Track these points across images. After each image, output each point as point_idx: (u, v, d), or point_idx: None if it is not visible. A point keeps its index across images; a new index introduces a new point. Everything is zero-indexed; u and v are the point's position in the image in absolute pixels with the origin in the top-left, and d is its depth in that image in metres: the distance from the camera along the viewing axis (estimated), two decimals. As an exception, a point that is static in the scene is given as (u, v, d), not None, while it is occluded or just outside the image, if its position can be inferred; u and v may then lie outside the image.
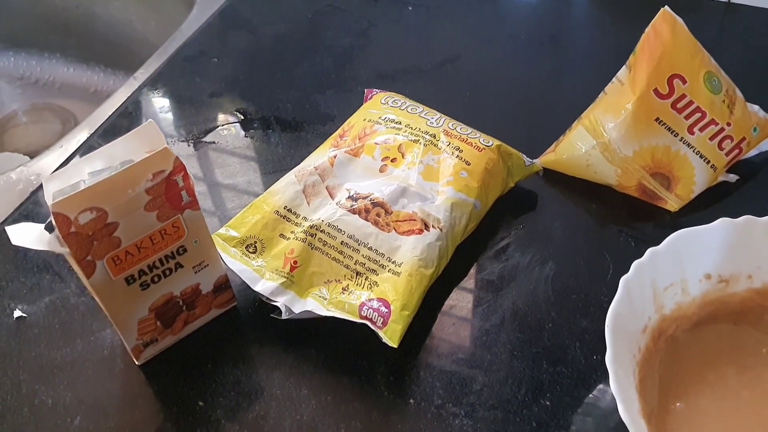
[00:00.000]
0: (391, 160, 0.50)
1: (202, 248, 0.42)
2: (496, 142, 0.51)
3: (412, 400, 0.43)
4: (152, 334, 0.43)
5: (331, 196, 0.49)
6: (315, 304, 0.45)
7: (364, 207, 0.47)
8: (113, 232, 0.38)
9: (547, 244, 0.51)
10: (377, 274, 0.45)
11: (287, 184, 0.49)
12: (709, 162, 0.51)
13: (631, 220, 0.52)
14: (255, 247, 0.46)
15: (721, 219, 0.41)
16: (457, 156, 0.50)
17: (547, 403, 0.42)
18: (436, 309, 0.47)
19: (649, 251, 0.40)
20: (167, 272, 0.41)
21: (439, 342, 0.46)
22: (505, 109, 0.62)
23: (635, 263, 0.40)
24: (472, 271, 0.50)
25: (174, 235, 0.40)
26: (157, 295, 0.42)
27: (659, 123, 0.50)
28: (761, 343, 0.41)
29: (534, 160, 0.54)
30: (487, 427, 0.41)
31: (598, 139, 0.52)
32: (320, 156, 0.51)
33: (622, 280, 0.39)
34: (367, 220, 0.47)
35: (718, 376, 0.40)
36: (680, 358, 0.41)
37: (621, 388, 0.34)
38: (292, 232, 0.47)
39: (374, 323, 0.43)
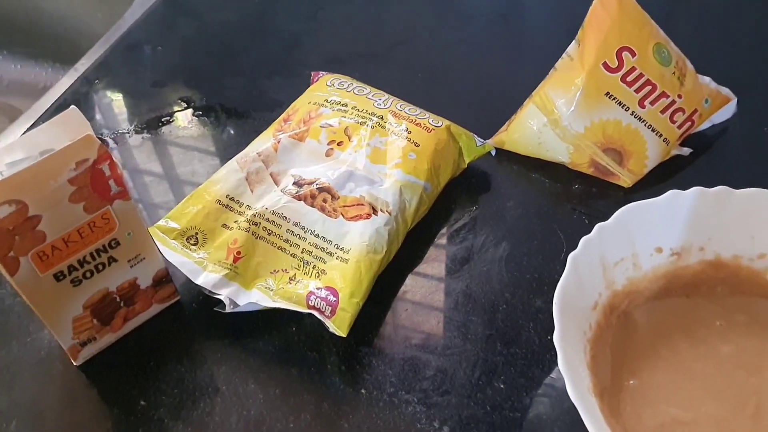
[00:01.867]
0: (338, 144, 0.48)
1: (137, 241, 0.40)
2: (446, 123, 0.50)
3: (363, 390, 0.41)
4: (89, 332, 0.41)
5: (276, 183, 0.47)
6: (260, 295, 0.43)
7: (310, 193, 0.46)
8: (36, 226, 0.36)
9: (501, 224, 0.50)
10: (325, 262, 0.44)
11: (229, 172, 0.47)
12: (661, 135, 0.50)
13: (585, 197, 0.51)
14: (196, 238, 0.45)
15: (670, 191, 0.40)
16: (406, 137, 0.48)
17: (501, 385, 0.41)
18: (388, 295, 0.46)
19: (597, 226, 0.39)
20: (100, 267, 0.39)
21: (391, 328, 0.45)
22: (458, 90, 0.61)
23: (583, 239, 0.39)
24: (426, 254, 0.49)
25: (104, 227, 0.38)
26: (92, 292, 0.40)
27: (610, 97, 0.49)
28: (714, 315, 0.40)
29: (485, 141, 0.52)
30: (440, 412, 0.40)
31: (549, 116, 0.51)
32: (264, 141, 0.49)
33: (570, 256, 0.38)
34: (313, 206, 0.45)
35: (671, 351, 0.39)
36: (633, 333, 0.40)
37: (569, 366, 0.33)
38: (235, 222, 0.45)
39: (322, 312, 0.42)
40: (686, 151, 0.52)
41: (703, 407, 0.36)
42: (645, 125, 0.50)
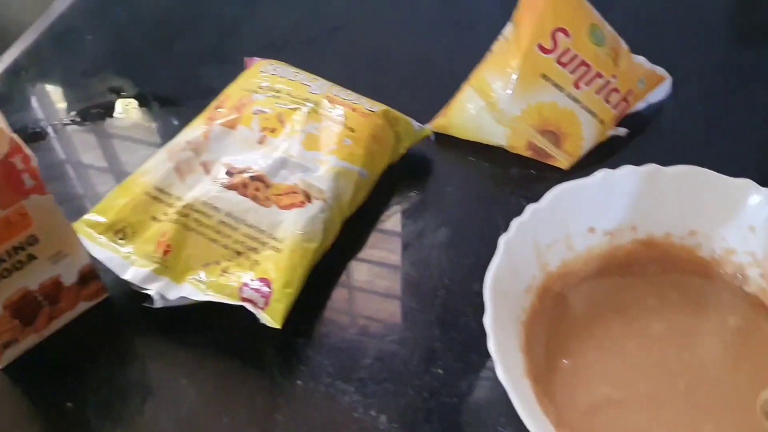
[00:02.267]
0: (271, 131, 0.47)
1: (58, 236, 0.39)
2: (382, 107, 0.49)
3: (299, 381, 0.41)
4: (10, 334, 0.40)
5: (207, 172, 0.46)
6: (191, 289, 0.42)
7: (242, 182, 0.44)
8: (-57, 224, 0.34)
9: (440, 209, 0.50)
10: (258, 252, 0.43)
11: (158, 163, 0.46)
12: (596, 116, 0.50)
13: (523, 180, 0.51)
14: (124, 232, 0.43)
15: (601, 170, 0.41)
16: (341, 123, 0.47)
17: (440, 371, 0.41)
18: (326, 284, 0.45)
19: (528, 208, 0.39)
20: (18, 265, 0.38)
21: (329, 318, 0.44)
22: (398, 75, 0.60)
23: (515, 222, 0.38)
24: (365, 241, 0.48)
25: (20, 223, 0.37)
26: (10, 291, 0.38)
27: (545, 79, 0.49)
28: (647, 294, 0.40)
29: (424, 125, 0.52)
30: (378, 401, 0.40)
31: (486, 100, 0.50)
32: (194, 130, 0.48)
33: (502, 240, 0.38)
34: (245, 195, 0.44)
35: (604, 330, 0.39)
36: (568, 315, 0.40)
37: (500, 350, 0.33)
38: (164, 214, 0.44)
39: (256, 304, 0.41)
40: (623, 131, 0.52)
41: (635, 386, 0.37)
42: (580, 107, 0.50)
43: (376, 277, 0.46)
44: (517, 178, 0.51)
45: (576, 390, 0.37)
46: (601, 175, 0.40)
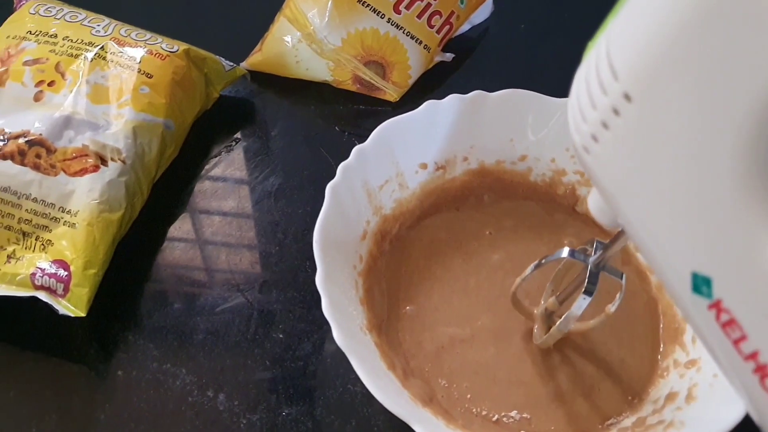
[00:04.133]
0: (48, 84, 0.39)
1: None
2: (183, 47, 0.43)
3: (120, 372, 0.36)
4: None
5: (-27, 143, 0.38)
6: (-29, 283, 0.35)
7: (18, 149, 0.37)
8: None
9: (267, 155, 0.45)
10: (50, 230, 0.36)
11: None
12: (421, 42, 0.48)
13: (353, 117, 0.48)
14: None
15: (427, 102, 0.38)
16: (135, 69, 0.41)
17: (281, 335, 0.38)
18: (141, 255, 0.40)
19: (354, 150, 0.36)
20: None
21: (149, 295, 0.39)
22: (202, 8, 0.53)
23: (341, 166, 0.35)
24: (182, 203, 0.43)
25: None
26: None
27: (363, 4, 0.45)
28: (483, 225, 0.39)
29: (236, 64, 0.46)
30: (214, 379, 0.36)
31: (303, 31, 0.46)
32: (-53, 93, 0.39)
33: (329, 187, 0.34)
34: (23, 164, 0.37)
35: (445, 269, 0.38)
36: (407, 257, 0.38)
37: (335, 309, 0.30)
38: None
39: (54, 292, 0.35)
40: (449, 56, 0.50)
41: (479, 321, 0.36)
42: (403, 32, 0.47)
43: (201, 240, 0.41)
44: (346, 115, 0.48)
45: (422, 335, 0.35)
46: (426, 106, 0.38)
